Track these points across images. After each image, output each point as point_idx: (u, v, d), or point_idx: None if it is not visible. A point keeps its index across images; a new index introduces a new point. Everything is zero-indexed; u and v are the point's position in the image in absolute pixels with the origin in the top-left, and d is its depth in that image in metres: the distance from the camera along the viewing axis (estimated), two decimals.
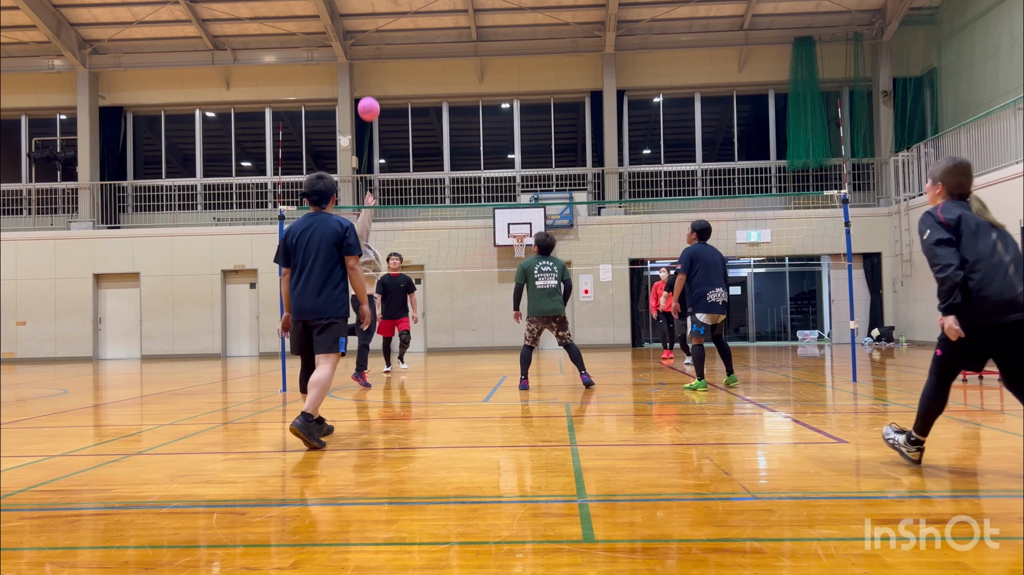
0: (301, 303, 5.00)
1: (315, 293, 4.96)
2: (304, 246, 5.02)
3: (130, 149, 20.79)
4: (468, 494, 3.53)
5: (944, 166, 3.71)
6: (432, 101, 20.50)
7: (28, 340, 18.88)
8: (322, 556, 2.68)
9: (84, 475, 4.17)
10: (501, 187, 19.91)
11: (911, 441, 3.89)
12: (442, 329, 18.70)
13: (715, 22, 19.32)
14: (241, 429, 5.96)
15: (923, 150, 17.05)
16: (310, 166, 21.24)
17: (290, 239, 5.09)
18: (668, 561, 2.56)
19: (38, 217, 20.16)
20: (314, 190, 5.16)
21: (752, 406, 6.66)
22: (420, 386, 9.45)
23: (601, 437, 5.24)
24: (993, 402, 6.64)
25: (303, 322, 5.04)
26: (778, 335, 21.16)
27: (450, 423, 6.02)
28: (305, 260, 5.01)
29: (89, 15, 19.04)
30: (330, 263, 4.99)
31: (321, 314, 4.96)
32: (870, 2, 18.62)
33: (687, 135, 20.20)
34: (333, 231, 5.00)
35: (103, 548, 2.87)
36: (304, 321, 5.03)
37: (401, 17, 18.85)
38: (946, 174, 3.69)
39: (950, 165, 3.70)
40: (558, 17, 18.86)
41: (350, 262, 5.04)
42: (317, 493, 3.69)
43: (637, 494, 3.48)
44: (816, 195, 12.94)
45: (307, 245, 5.01)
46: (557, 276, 8.20)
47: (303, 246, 5.03)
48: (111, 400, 9.01)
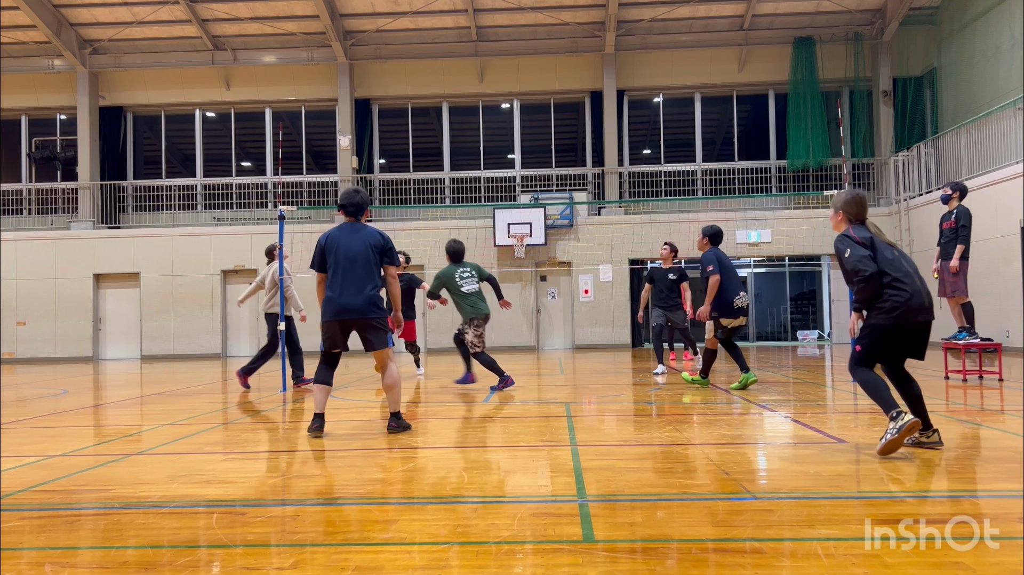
0: (344, 303, 5.22)
1: (360, 293, 5.22)
2: (346, 251, 5.27)
3: (130, 149, 20.79)
4: (468, 494, 3.53)
5: (845, 198, 4.40)
6: (432, 101, 20.50)
7: (28, 340, 18.88)
8: (322, 556, 2.68)
9: (84, 475, 4.17)
10: (501, 187, 19.91)
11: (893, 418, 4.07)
12: (442, 329, 18.68)
13: (715, 22, 19.31)
14: (241, 429, 5.96)
15: (923, 150, 17.05)
16: (310, 166, 21.25)
17: (330, 244, 5.34)
18: (668, 561, 2.56)
19: (38, 217, 20.16)
20: (352, 202, 5.48)
21: (752, 406, 6.66)
22: (420, 386, 9.45)
23: (601, 437, 5.24)
24: (993, 402, 6.64)
25: (342, 321, 5.27)
26: (778, 335, 21.16)
27: (450, 423, 6.02)
28: (348, 264, 5.25)
29: (89, 15, 19.04)
30: (372, 267, 5.29)
31: (368, 313, 5.24)
32: (870, 2, 18.61)
33: (687, 135, 20.19)
34: (376, 240, 5.34)
35: (103, 548, 2.87)
36: (345, 320, 5.26)
37: (401, 17, 18.85)
38: (847, 204, 4.39)
39: (850, 197, 4.39)
40: (558, 17, 18.86)
41: (391, 270, 5.41)
42: (317, 493, 3.69)
43: (637, 494, 3.48)
44: (816, 195, 12.96)
45: (349, 250, 5.27)
46: (477, 279, 8.51)
47: (344, 251, 5.27)
48: (111, 400, 9.01)
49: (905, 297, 3.99)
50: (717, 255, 7.78)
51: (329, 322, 5.30)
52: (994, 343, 8.17)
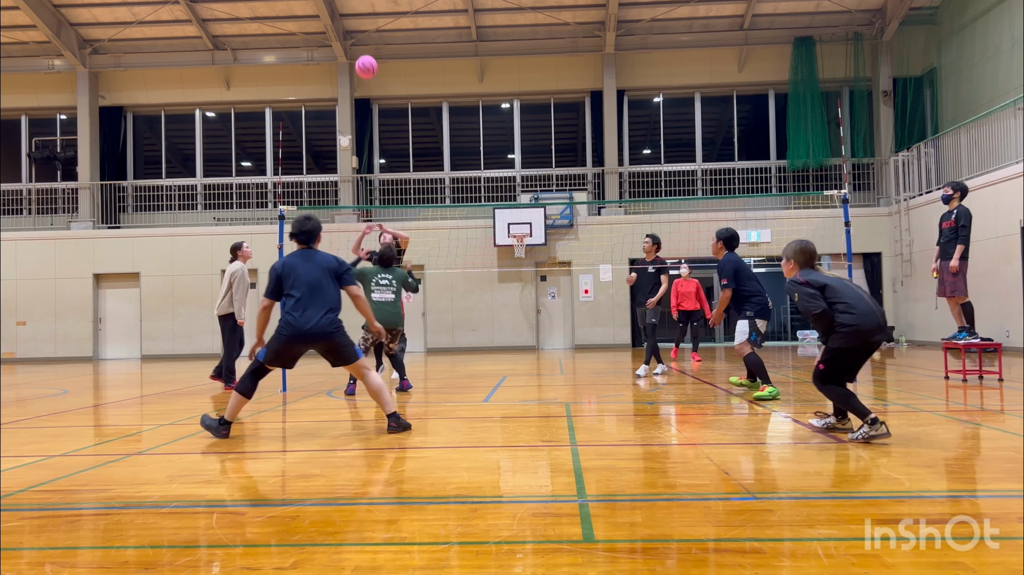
0: (310, 328, 5.27)
1: (324, 318, 5.31)
2: (306, 277, 5.35)
3: (130, 149, 20.79)
4: (468, 494, 3.53)
5: (795, 247, 4.97)
6: (432, 101, 20.49)
7: (28, 340, 18.88)
8: (322, 556, 2.68)
9: (84, 475, 4.17)
10: (501, 187, 19.91)
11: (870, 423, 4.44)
12: (442, 329, 18.70)
13: (715, 22, 19.31)
14: (241, 429, 5.96)
15: (923, 150, 17.04)
16: (310, 166, 21.25)
17: (286, 271, 5.40)
18: (668, 561, 2.56)
19: (38, 217, 20.16)
20: (303, 230, 5.58)
21: (752, 406, 6.66)
22: (420, 386, 9.45)
23: (601, 437, 5.24)
24: (993, 402, 6.64)
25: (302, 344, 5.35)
26: (778, 335, 21.15)
27: (450, 423, 6.02)
28: (308, 290, 5.33)
29: (89, 15, 19.04)
30: (332, 292, 5.41)
31: (334, 336, 5.35)
32: (870, 2, 18.61)
33: (687, 135, 20.19)
34: (332, 264, 5.47)
35: (103, 548, 2.87)
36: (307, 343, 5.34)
37: (401, 17, 18.85)
38: (796, 253, 4.95)
39: (799, 247, 4.96)
40: (558, 17, 18.86)
41: (352, 290, 5.52)
42: (317, 493, 3.69)
43: (637, 494, 3.49)
44: (816, 195, 12.96)
45: (308, 276, 5.36)
46: (395, 290, 8.18)
47: (304, 278, 5.35)
48: (111, 400, 9.01)
49: (857, 321, 4.45)
50: (735, 265, 7.42)
51: (289, 343, 5.32)
52: (994, 343, 8.16)
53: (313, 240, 5.61)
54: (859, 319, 4.42)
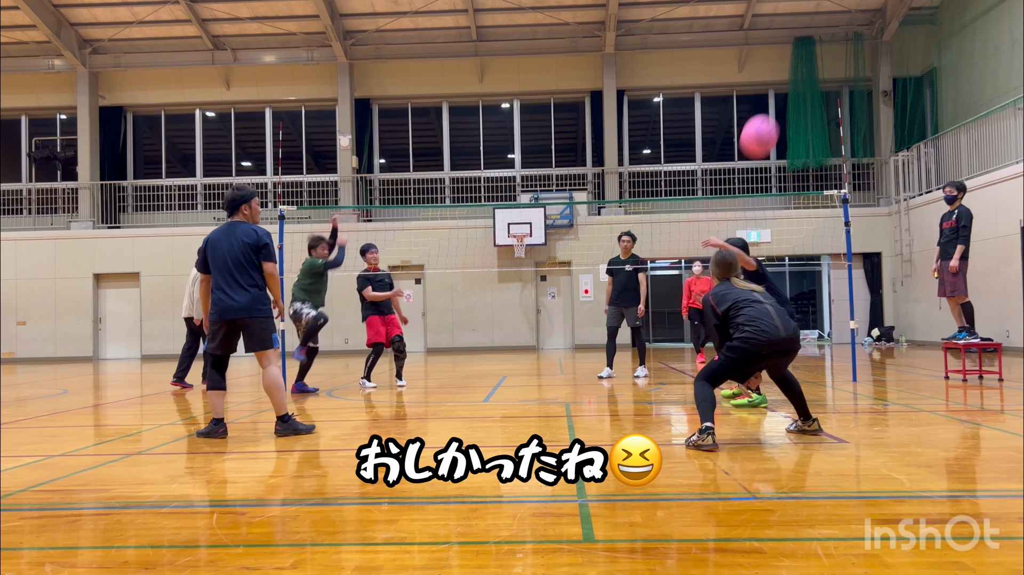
0: (227, 303, 5.24)
1: (238, 292, 5.23)
2: (222, 251, 5.28)
3: (130, 149, 20.78)
4: (468, 494, 3.53)
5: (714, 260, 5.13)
6: (432, 101, 20.49)
7: (28, 340, 18.88)
8: (322, 556, 2.68)
9: (84, 475, 4.17)
10: (501, 187, 19.90)
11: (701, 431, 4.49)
12: (442, 329, 18.70)
13: (715, 22, 19.31)
14: (241, 429, 5.96)
15: (923, 150, 17.04)
16: (310, 166, 21.25)
17: (209, 245, 5.38)
18: (668, 561, 2.56)
19: (38, 217, 20.15)
20: (226, 201, 5.51)
21: (754, 409, 6.65)
22: (420, 386, 9.44)
23: (601, 437, 5.23)
24: (993, 402, 6.64)
25: (228, 322, 5.30)
26: None
27: (450, 423, 6.02)
28: (223, 264, 5.26)
29: (89, 15, 19.03)
30: (247, 266, 5.26)
31: (250, 312, 5.25)
32: (870, 2, 18.61)
33: (687, 135, 20.19)
34: (251, 238, 5.29)
35: (103, 548, 2.87)
36: (230, 320, 5.28)
37: (401, 17, 18.84)
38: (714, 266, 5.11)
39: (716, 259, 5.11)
40: (558, 17, 18.86)
41: (267, 267, 5.34)
42: (317, 493, 3.69)
43: (637, 494, 3.48)
44: (816, 195, 12.96)
45: (225, 249, 5.28)
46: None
47: (221, 251, 5.28)
48: (111, 400, 9.01)
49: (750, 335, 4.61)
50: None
51: (216, 322, 5.33)
52: (994, 343, 8.16)
53: (235, 210, 5.43)
54: (753, 334, 4.58)
